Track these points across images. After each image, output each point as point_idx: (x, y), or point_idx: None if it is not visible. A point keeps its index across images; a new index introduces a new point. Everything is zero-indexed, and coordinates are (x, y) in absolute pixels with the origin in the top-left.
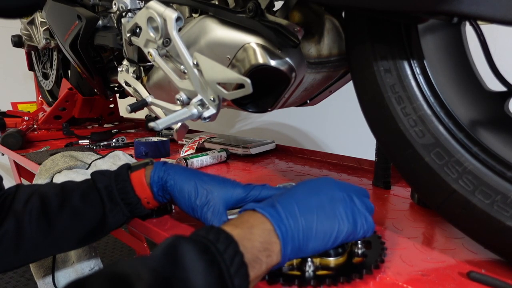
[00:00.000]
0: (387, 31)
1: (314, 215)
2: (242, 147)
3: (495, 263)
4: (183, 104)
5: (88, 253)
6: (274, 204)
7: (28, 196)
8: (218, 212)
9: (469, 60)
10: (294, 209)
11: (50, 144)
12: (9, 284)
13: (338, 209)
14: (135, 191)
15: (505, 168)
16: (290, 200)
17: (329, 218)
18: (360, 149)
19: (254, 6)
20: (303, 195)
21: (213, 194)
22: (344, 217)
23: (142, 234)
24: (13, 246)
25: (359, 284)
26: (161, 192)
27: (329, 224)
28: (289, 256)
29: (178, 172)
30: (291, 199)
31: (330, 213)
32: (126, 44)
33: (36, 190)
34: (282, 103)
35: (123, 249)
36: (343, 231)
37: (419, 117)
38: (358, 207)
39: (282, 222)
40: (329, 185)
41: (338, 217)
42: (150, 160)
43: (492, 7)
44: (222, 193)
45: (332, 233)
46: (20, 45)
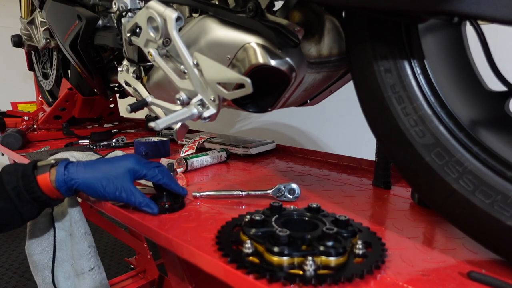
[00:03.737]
0: (387, 31)
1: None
2: (242, 147)
3: (495, 263)
4: (183, 104)
5: (88, 252)
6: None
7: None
8: (130, 192)
9: (470, 59)
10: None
11: (50, 144)
12: (9, 284)
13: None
14: (43, 191)
15: (506, 168)
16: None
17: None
18: (360, 149)
19: (254, 6)
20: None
21: (117, 180)
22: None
23: (142, 234)
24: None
25: (359, 284)
26: (70, 191)
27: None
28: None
29: (79, 172)
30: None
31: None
32: (126, 44)
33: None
34: (282, 103)
35: (123, 249)
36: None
37: (420, 117)
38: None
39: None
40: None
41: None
42: (55, 161)
43: (492, 6)
44: (124, 177)
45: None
46: (20, 45)
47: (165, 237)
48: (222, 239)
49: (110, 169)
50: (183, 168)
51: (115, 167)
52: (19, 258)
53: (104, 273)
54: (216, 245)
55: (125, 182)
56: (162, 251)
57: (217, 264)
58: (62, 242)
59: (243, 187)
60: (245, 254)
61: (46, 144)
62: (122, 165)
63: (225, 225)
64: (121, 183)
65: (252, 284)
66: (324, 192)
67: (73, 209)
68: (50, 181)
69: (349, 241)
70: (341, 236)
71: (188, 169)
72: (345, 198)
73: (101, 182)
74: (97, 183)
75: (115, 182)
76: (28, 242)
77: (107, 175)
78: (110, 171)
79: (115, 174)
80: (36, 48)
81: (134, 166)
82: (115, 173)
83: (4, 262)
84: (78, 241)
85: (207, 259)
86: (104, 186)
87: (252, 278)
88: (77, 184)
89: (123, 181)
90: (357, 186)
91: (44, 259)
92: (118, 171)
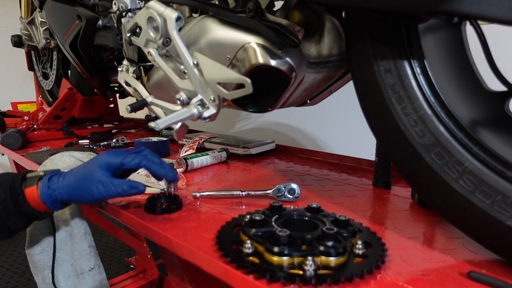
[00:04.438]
0: (387, 31)
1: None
2: (242, 147)
3: (495, 263)
4: (183, 104)
5: (88, 252)
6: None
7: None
8: (107, 183)
9: (470, 59)
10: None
11: (50, 144)
12: (9, 284)
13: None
14: (30, 204)
15: (506, 168)
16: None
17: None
18: (360, 149)
19: (254, 6)
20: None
21: (92, 177)
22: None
23: (142, 234)
24: None
25: (359, 284)
26: (56, 204)
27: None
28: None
29: (60, 182)
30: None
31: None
32: (126, 44)
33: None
34: (282, 103)
35: (123, 249)
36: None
37: (420, 117)
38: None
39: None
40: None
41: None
42: (44, 172)
43: (492, 6)
44: (97, 172)
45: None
46: (20, 45)
47: (165, 237)
48: (222, 239)
49: (84, 170)
50: (183, 168)
51: (88, 167)
52: (19, 258)
53: (104, 273)
54: (216, 245)
55: (99, 176)
56: (162, 251)
57: (217, 264)
58: (62, 242)
59: (243, 187)
60: (245, 254)
61: (46, 144)
62: (93, 163)
63: (225, 225)
64: (95, 179)
65: (252, 284)
66: (324, 192)
67: (73, 209)
68: (37, 194)
69: (349, 241)
70: (341, 236)
71: (188, 169)
72: (345, 198)
73: (80, 185)
74: (77, 188)
75: (92, 181)
76: (28, 242)
77: (84, 177)
78: (85, 172)
79: (89, 174)
80: (36, 48)
81: (106, 159)
82: (89, 172)
83: (4, 262)
84: (78, 241)
85: (207, 259)
86: (84, 189)
87: (252, 278)
88: (60, 194)
89: (98, 176)
90: (357, 186)
91: (44, 259)
92: (91, 169)
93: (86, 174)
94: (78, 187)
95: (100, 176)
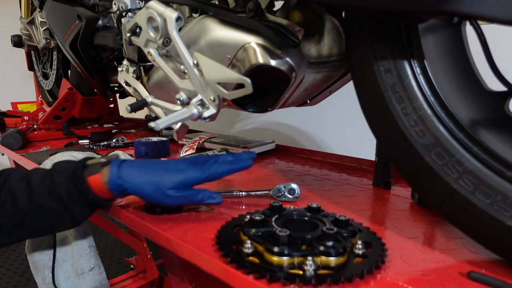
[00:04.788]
0: (387, 31)
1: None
2: (242, 147)
3: (495, 263)
4: (183, 104)
5: (88, 252)
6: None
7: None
8: (188, 196)
9: (470, 60)
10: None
11: (50, 144)
12: (9, 284)
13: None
14: (95, 193)
15: (506, 168)
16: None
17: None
18: (360, 149)
19: (254, 6)
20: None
21: (173, 186)
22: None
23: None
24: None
25: (359, 284)
26: (123, 194)
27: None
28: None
29: (134, 176)
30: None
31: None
32: (126, 44)
33: (4, 183)
34: (282, 103)
35: (123, 249)
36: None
37: (420, 117)
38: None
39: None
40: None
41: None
42: (106, 159)
43: (492, 7)
44: (180, 185)
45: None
46: (20, 45)
47: (165, 237)
48: (222, 239)
49: (168, 178)
50: None
51: (173, 178)
52: (19, 258)
53: (104, 273)
54: (216, 245)
55: (184, 191)
56: (162, 251)
57: (217, 264)
58: (62, 242)
59: (243, 187)
60: (245, 254)
61: (46, 144)
62: (179, 177)
63: (225, 225)
64: (180, 192)
65: (252, 284)
66: (324, 192)
67: None
68: (102, 182)
69: (349, 241)
70: (341, 236)
71: None
72: (345, 198)
73: (158, 191)
74: (152, 192)
75: (171, 189)
76: (28, 242)
77: (165, 185)
78: (167, 181)
79: (171, 185)
80: (36, 48)
81: (191, 178)
82: (171, 184)
83: (4, 262)
84: (78, 241)
85: (207, 259)
86: (161, 195)
87: (252, 278)
88: (131, 189)
89: (183, 190)
90: (357, 186)
91: (44, 259)
92: (175, 182)
93: (167, 182)
94: (154, 191)
95: (183, 190)
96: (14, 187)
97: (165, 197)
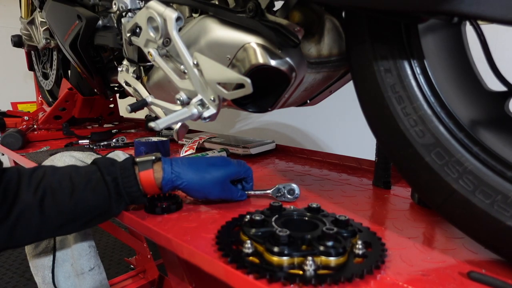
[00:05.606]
0: (387, 31)
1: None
2: (242, 147)
3: (495, 263)
4: (183, 104)
5: (88, 252)
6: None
7: (35, 187)
8: (230, 191)
9: (469, 59)
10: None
11: (50, 144)
12: (9, 284)
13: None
14: (141, 187)
15: (505, 168)
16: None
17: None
18: (360, 149)
19: (254, 6)
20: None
21: (222, 183)
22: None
23: (142, 234)
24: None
25: (359, 284)
26: (171, 189)
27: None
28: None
29: (187, 173)
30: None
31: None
32: (126, 44)
33: (42, 179)
34: (282, 103)
35: (123, 249)
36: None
37: (420, 117)
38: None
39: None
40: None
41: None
42: (155, 156)
43: (492, 7)
44: (226, 181)
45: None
46: (20, 45)
47: (165, 237)
48: (222, 239)
49: (215, 172)
50: None
51: (220, 171)
52: (19, 258)
53: (104, 273)
54: (216, 245)
55: (227, 185)
56: (162, 251)
57: (217, 264)
58: (62, 242)
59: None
60: (245, 254)
61: (46, 144)
62: (225, 170)
63: (225, 225)
64: (224, 186)
65: (252, 284)
66: (324, 192)
67: None
68: (154, 178)
69: (349, 241)
70: (341, 236)
71: None
72: (345, 198)
73: (208, 184)
74: (202, 186)
75: (219, 185)
76: None
77: (213, 178)
78: (216, 174)
79: (219, 178)
80: (36, 48)
81: (234, 171)
82: (219, 176)
83: (4, 262)
84: (78, 241)
85: (207, 259)
86: (209, 189)
87: (252, 278)
88: (184, 184)
89: (226, 185)
90: (357, 186)
91: (44, 259)
92: (223, 175)
93: (216, 178)
94: (204, 186)
95: (228, 187)
96: (55, 183)
97: (211, 192)
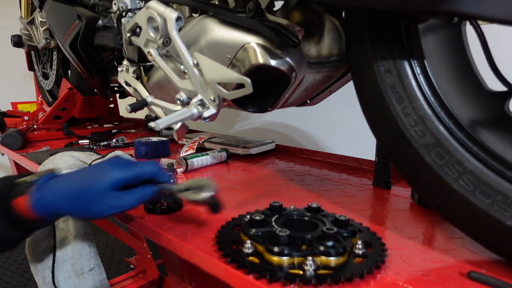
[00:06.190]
0: (387, 31)
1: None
2: (242, 147)
3: (495, 263)
4: (183, 104)
5: (88, 252)
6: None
7: None
8: (117, 206)
9: (470, 60)
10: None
11: (50, 144)
12: (9, 284)
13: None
14: (22, 215)
15: (505, 168)
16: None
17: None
18: (360, 149)
19: (254, 6)
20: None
21: (98, 197)
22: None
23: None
24: None
25: (359, 284)
26: (53, 217)
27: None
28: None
29: (58, 195)
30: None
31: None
32: (126, 44)
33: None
34: (282, 103)
35: (123, 249)
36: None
37: (420, 117)
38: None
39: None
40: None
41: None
42: (37, 177)
43: (492, 7)
44: (106, 192)
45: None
46: (20, 45)
47: (165, 237)
48: (222, 239)
49: (87, 185)
50: (183, 168)
51: (93, 182)
52: (19, 258)
53: (104, 273)
54: (216, 245)
55: (106, 197)
56: (162, 251)
57: (217, 264)
58: (62, 242)
59: (243, 187)
60: (245, 254)
61: (46, 144)
62: (100, 178)
63: (225, 225)
64: (102, 200)
65: (252, 284)
66: (324, 192)
67: None
68: (28, 205)
69: (349, 241)
70: (341, 236)
71: (188, 169)
72: (345, 198)
73: (81, 204)
74: (75, 207)
75: (96, 200)
76: (28, 242)
77: (87, 193)
78: (89, 187)
79: (94, 192)
80: (36, 48)
81: (115, 176)
82: (93, 190)
83: (4, 262)
84: (78, 241)
85: (207, 259)
86: (85, 208)
87: (252, 278)
88: (58, 209)
89: (105, 197)
90: (357, 186)
91: (44, 259)
92: (98, 188)
93: (90, 193)
94: (79, 207)
95: (109, 200)
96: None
97: (103, 206)
